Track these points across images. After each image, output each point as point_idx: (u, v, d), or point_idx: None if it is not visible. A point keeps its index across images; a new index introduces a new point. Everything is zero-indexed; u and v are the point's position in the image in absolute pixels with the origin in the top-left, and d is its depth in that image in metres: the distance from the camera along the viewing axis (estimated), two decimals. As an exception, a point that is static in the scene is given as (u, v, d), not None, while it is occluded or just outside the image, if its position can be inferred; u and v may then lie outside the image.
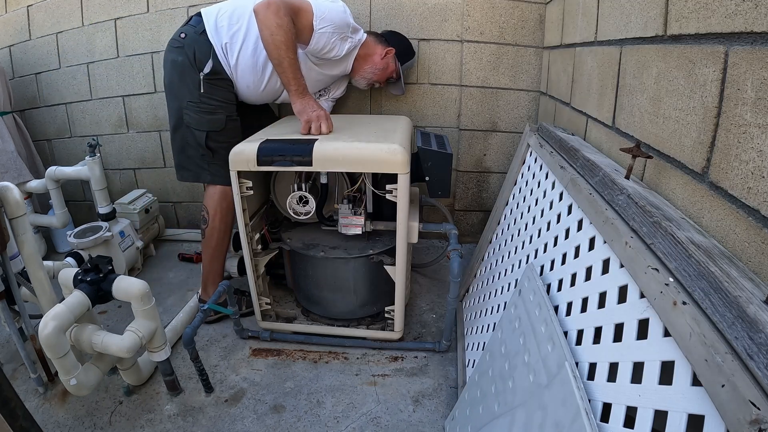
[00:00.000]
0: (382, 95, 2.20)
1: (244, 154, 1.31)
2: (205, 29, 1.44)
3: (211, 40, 1.44)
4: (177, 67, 1.46)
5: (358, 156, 1.26)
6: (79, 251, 1.79)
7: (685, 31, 0.86)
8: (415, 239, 1.41)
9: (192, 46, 1.43)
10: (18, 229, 1.24)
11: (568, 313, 0.86)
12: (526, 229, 1.31)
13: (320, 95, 1.88)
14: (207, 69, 1.43)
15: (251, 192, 1.39)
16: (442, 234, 2.35)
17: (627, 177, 0.96)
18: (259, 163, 1.30)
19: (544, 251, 1.10)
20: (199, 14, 1.49)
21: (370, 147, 1.27)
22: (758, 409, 0.42)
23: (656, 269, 0.66)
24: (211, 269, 1.64)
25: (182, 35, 1.45)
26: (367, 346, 1.58)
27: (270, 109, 1.95)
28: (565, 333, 0.82)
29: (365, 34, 1.68)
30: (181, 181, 1.64)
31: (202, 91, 1.43)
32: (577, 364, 0.74)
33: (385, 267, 1.44)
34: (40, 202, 2.34)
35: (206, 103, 1.46)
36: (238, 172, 1.35)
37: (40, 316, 1.14)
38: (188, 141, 1.52)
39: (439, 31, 2.07)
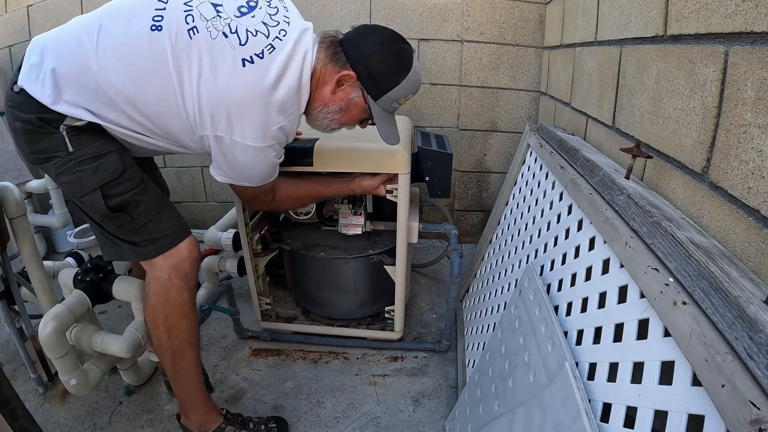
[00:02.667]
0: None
1: None
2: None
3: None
4: (20, 133, 0.93)
5: (358, 156, 1.26)
6: (79, 251, 1.79)
7: (685, 31, 0.86)
8: (415, 239, 1.41)
9: (32, 105, 0.89)
10: (18, 229, 1.24)
11: (568, 313, 0.86)
12: (526, 229, 1.31)
13: None
14: (75, 123, 0.90)
15: (251, 192, 1.40)
16: (442, 234, 2.36)
17: (627, 177, 0.96)
18: None
19: (544, 251, 1.10)
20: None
21: (370, 147, 1.27)
22: (758, 409, 0.42)
23: (656, 269, 0.66)
24: (184, 394, 1.12)
25: (15, 87, 0.91)
26: (367, 346, 1.58)
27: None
28: (565, 333, 0.82)
29: (309, 54, 0.96)
30: (114, 260, 1.14)
31: (71, 149, 0.91)
32: (577, 364, 0.74)
33: (385, 267, 1.44)
34: (40, 202, 2.33)
35: (84, 151, 0.92)
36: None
37: (40, 316, 1.14)
38: (91, 216, 0.98)
39: (439, 31, 2.07)
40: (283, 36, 0.93)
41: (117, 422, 1.29)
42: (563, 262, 0.97)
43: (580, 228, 0.96)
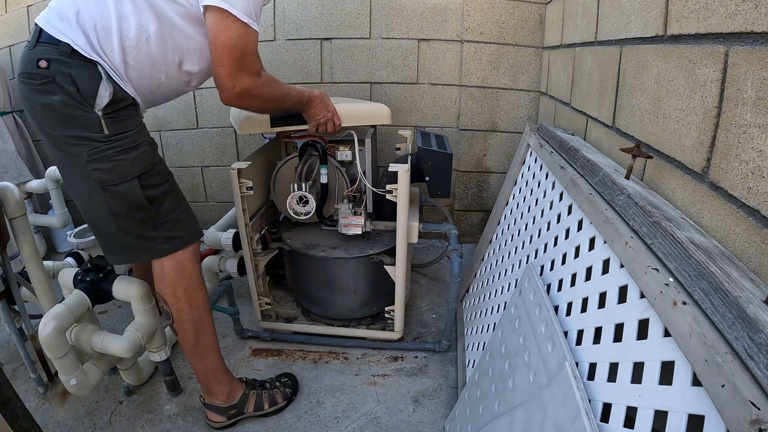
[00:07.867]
0: (382, 94, 2.20)
1: (258, 117, 1.33)
2: (73, 47, 0.93)
3: (90, 56, 0.94)
4: (56, 110, 0.95)
5: (356, 112, 1.40)
6: (79, 251, 1.78)
7: (685, 31, 0.86)
8: (415, 239, 1.41)
9: (68, 76, 0.93)
10: (18, 229, 1.24)
11: (568, 313, 0.86)
12: (526, 229, 1.31)
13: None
14: (105, 99, 0.95)
15: (251, 192, 1.40)
16: (442, 234, 2.36)
17: (627, 177, 0.96)
18: (273, 124, 1.33)
19: (544, 251, 1.10)
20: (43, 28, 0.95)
21: (364, 105, 1.47)
22: (758, 409, 0.42)
23: (656, 269, 0.66)
24: (206, 368, 1.21)
25: (41, 63, 0.94)
26: (367, 346, 1.58)
27: None
28: (565, 333, 0.82)
29: None
30: (121, 264, 1.15)
31: (107, 132, 0.97)
32: (577, 364, 0.74)
33: (385, 267, 1.44)
34: (40, 202, 2.34)
35: (120, 141, 0.99)
36: (239, 171, 1.36)
37: (40, 316, 1.14)
38: (114, 209, 1.01)
39: (439, 31, 2.07)
40: None
41: (117, 422, 1.29)
42: (563, 262, 0.97)
43: (580, 228, 0.96)
